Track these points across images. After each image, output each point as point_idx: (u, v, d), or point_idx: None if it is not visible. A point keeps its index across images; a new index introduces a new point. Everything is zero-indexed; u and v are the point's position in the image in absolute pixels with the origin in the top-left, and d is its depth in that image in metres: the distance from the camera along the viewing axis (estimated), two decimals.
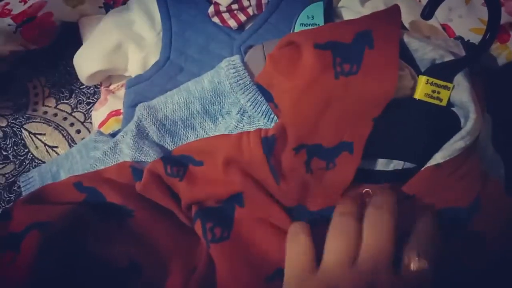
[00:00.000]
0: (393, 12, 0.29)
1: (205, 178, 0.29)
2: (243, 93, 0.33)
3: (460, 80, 0.29)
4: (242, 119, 0.34)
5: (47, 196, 0.28)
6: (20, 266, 0.24)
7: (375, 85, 0.27)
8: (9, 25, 0.41)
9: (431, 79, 0.29)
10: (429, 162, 0.28)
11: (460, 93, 0.29)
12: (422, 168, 0.28)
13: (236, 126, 0.34)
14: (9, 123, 0.43)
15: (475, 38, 0.37)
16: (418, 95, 0.29)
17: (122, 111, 0.39)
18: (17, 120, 0.43)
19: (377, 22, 0.29)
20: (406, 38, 0.30)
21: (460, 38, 0.38)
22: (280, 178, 0.28)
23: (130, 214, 0.28)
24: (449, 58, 0.30)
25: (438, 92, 0.29)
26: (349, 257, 0.24)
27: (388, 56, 0.27)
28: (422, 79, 0.29)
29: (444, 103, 0.29)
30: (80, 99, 0.45)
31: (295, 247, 0.25)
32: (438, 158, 0.28)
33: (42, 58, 0.46)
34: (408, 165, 0.31)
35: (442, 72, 0.29)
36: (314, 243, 0.25)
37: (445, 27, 0.38)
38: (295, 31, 0.35)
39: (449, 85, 0.29)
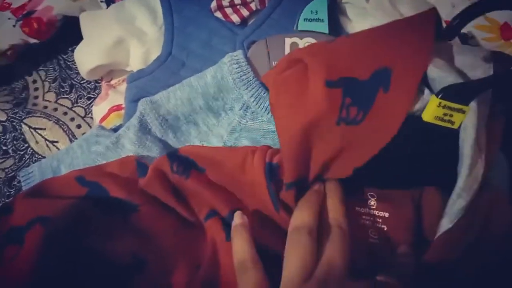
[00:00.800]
0: (425, 31, 0.26)
1: (207, 186, 0.29)
2: (246, 88, 0.34)
3: (468, 125, 0.26)
4: (245, 114, 0.34)
5: (48, 190, 0.29)
6: (24, 261, 0.24)
7: (369, 138, 0.26)
8: (8, 18, 0.41)
9: (444, 102, 0.26)
10: (439, 231, 0.26)
11: (463, 139, 0.26)
12: (435, 238, 0.26)
13: (240, 122, 0.34)
14: (9, 118, 0.44)
15: (480, 35, 0.37)
16: (427, 117, 0.26)
17: (123, 106, 0.39)
18: (17, 115, 0.44)
19: (402, 52, 0.26)
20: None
21: (464, 35, 0.38)
22: (279, 206, 0.28)
23: (135, 209, 0.28)
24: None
25: (451, 115, 0.26)
26: (304, 272, 0.23)
27: (399, 104, 0.25)
28: (434, 101, 0.26)
29: (456, 126, 0.26)
30: (80, 94, 0.45)
31: (245, 279, 0.24)
32: (445, 224, 0.26)
33: (43, 52, 0.46)
34: None
35: (457, 93, 0.26)
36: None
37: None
38: (299, 26, 0.36)
39: (465, 108, 0.26)
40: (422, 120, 0.27)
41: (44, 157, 0.42)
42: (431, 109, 0.26)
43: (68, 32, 0.45)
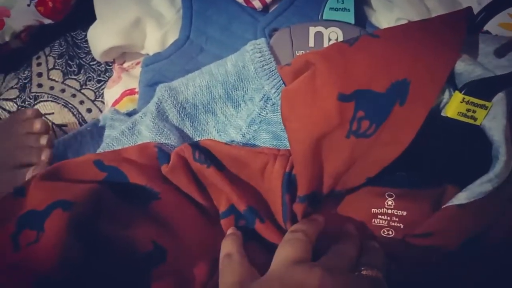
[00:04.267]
0: (452, 35, 0.27)
1: (226, 178, 0.30)
2: (268, 79, 0.35)
3: (498, 112, 0.27)
4: (266, 106, 0.35)
5: (65, 173, 0.30)
6: (45, 247, 0.25)
7: (381, 150, 0.27)
8: None
9: (467, 98, 0.27)
10: (452, 200, 0.28)
11: (493, 128, 0.28)
12: (443, 206, 0.28)
13: (259, 114, 0.35)
14: (19, 108, 0.44)
15: (504, 33, 0.38)
16: (451, 113, 0.28)
17: (137, 90, 0.40)
18: (26, 103, 0.44)
19: (424, 62, 0.27)
20: None
21: (488, 33, 0.39)
22: (288, 219, 0.30)
23: (156, 197, 0.29)
24: None
25: (474, 111, 0.28)
26: (296, 257, 0.25)
27: (413, 118, 0.26)
28: (457, 97, 0.27)
29: (478, 122, 0.28)
30: (90, 76, 0.46)
31: (230, 268, 0.26)
32: (461, 198, 0.27)
33: (54, 34, 0.47)
34: None
35: (481, 89, 0.27)
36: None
37: None
38: (324, 16, 0.37)
39: (488, 104, 0.27)
40: (444, 117, 0.28)
41: None
42: (455, 105, 0.28)
43: (78, 10, 0.46)
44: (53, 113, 0.44)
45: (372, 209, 0.31)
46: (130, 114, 0.38)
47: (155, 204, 0.29)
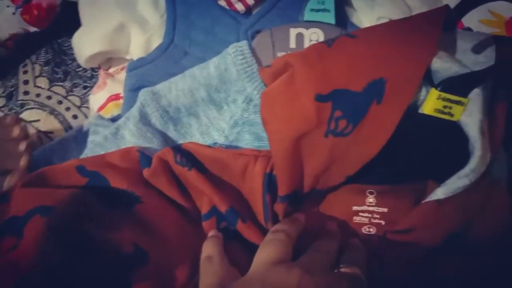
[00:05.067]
0: (428, 33, 0.28)
1: (208, 179, 0.31)
2: (250, 81, 0.35)
3: (473, 108, 0.28)
4: (248, 108, 0.36)
5: (47, 179, 0.30)
6: (24, 252, 0.25)
7: (359, 149, 0.28)
8: (7, 6, 0.42)
9: (443, 94, 0.28)
10: (430, 196, 0.29)
11: (469, 124, 0.28)
12: (422, 202, 0.29)
13: (242, 115, 0.36)
14: None
15: (485, 30, 0.39)
16: (427, 110, 0.29)
17: (121, 95, 0.41)
18: (13, 111, 0.45)
19: (401, 62, 0.27)
20: None
21: (469, 30, 0.40)
22: (269, 219, 0.30)
23: (139, 200, 0.30)
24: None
25: (450, 108, 0.28)
26: (277, 258, 0.25)
27: (390, 117, 0.27)
28: (434, 94, 0.28)
29: (456, 119, 0.29)
30: (76, 82, 0.47)
31: (211, 269, 0.27)
32: (439, 193, 0.28)
33: (40, 41, 0.48)
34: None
35: (457, 85, 0.28)
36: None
37: None
38: (305, 16, 0.37)
39: (464, 100, 0.28)
40: (421, 114, 0.29)
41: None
42: (431, 102, 0.28)
43: (64, 17, 0.47)
44: (39, 120, 0.45)
45: (353, 207, 0.32)
46: (114, 119, 0.38)
47: (137, 208, 0.30)
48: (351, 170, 0.29)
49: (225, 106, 0.36)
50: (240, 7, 0.40)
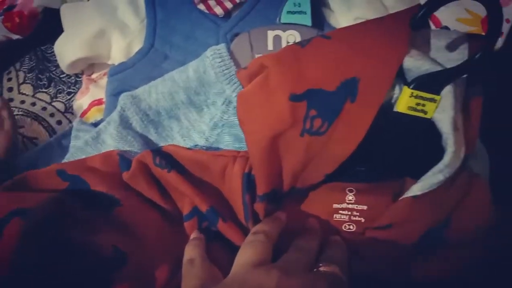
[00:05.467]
0: (398, 32, 0.29)
1: (188, 180, 0.31)
2: (229, 83, 0.36)
3: (446, 105, 0.29)
4: (228, 110, 0.37)
5: (29, 183, 0.31)
6: (1, 253, 0.26)
7: (336, 147, 0.29)
8: None
9: (415, 92, 0.28)
10: (407, 193, 0.29)
11: (441, 120, 0.29)
12: (400, 198, 0.30)
13: (222, 117, 0.37)
14: None
15: (462, 28, 0.40)
16: (401, 108, 0.29)
17: (104, 100, 0.41)
18: None
19: (372, 61, 0.28)
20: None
21: (446, 28, 0.41)
22: (250, 218, 0.31)
23: (118, 203, 0.30)
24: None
25: (423, 105, 0.29)
26: (256, 260, 0.26)
27: (364, 115, 0.28)
28: (406, 92, 0.29)
29: (429, 116, 0.29)
30: (60, 89, 0.47)
31: (193, 273, 0.28)
32: (415, 189, 0.29)
33: (23, 48, 0.48)
34: None
35: (429, 83, 0.29)
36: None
37: (431, 16, 0.41)
38: (282, 19, 0.38)
39: (436, 97, 0.29)
40: (396, 111, 0.30)
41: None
42: (404, 100, 0.29)
43: (47, 25, 0.47)
44: (23, 126, 0.45)
45: (333, 205, 0.33)
46: (96, 124, 0.39)
47: (118, 211, 0.30)
48: (329, 168, 0.30)
49: (205, 109, 0.37)
50: (219, 10, 0.41)
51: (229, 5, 0.41)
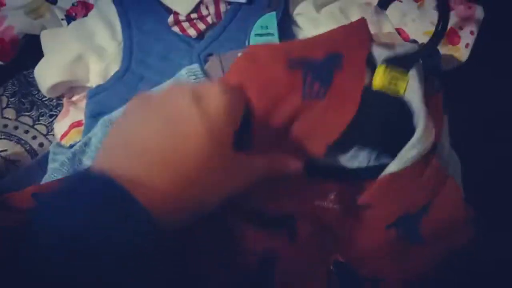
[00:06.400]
0: (361, 28, 0.34)
1: None
2: None
3: (414, 85, 0.32)
4: None
5: (6, 206, 0.32)
6: None
7: (336, 114, 0.31)
8: None
9: (389, 68, 0.32)
10: (384, 171, 0.32)
11: (412, 98, 0.32)
12: (378, 177, 0.32)
13: None
14: None
15: None
16: (377, 85, 0.32)
17: (84, 121, 0.43)
18: None
19: (347, 43, 0.33)
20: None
21: (415, 41, 0.43)
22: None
23: None
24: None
25: (395, 84, 0.32)
26: (197, 94, 0.27)
27: (354, 83, 0.32)
28: (381, 68, 0.32)
29: (401, 93, 0.33)
30: (42, 112, 0.49)
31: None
32: (392, 167, 0.31)
33: (5, 73, 0.50)
34: (372, 163, 0.35)
35: (398, 62, 0.32)
36: None
37: (399, 31, 0.43)
38: (251, 41, 0.40)
39: (405, 77, 0.32)
40: (375, 92, 0.32)
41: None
42: (379, 77, 0.32)
43: (29, 50, 0.49)
44: (6, 150, 0.47)
45: (315, 201, 0.34)
46: (74, 146, 0.40)
47: None
48: (330, 138, 0.32)
49: None
50: (192, 32, 0.43)
51: (202, 26, 0.44)
